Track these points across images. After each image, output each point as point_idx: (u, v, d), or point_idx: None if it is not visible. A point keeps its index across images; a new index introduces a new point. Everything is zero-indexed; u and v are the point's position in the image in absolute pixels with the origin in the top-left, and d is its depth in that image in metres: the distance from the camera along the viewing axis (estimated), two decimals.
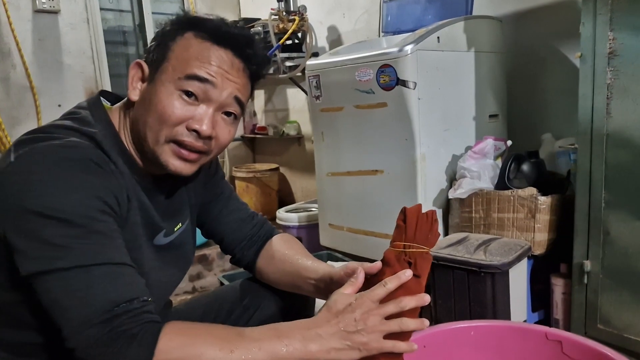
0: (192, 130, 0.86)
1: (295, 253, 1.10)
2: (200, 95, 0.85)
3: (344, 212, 2.21)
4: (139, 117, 0.88)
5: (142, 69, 0.89)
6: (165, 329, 0.73)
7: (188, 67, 0.84)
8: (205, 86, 0.85)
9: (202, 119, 0.86)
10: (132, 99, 0.89)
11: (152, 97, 0.85)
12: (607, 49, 1.45)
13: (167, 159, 0.87)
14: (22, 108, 3.07)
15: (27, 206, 0.72)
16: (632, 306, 1.48)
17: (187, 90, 0.84)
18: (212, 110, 0.87)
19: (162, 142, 0.86)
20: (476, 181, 1.83)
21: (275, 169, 3.64)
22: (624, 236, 1.48)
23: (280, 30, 3.01)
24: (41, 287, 0.73)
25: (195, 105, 0.86)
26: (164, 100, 0.84)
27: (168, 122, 0.84)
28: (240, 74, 0.89)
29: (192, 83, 0.84)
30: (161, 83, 0.85)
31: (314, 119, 2.30)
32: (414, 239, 0.91)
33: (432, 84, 1.89)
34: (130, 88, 0.89)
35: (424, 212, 0.92)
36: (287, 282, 1.10)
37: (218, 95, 0.86)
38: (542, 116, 2.18)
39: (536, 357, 1.15)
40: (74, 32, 3.24)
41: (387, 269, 0.91)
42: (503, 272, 1.58)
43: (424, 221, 0.91)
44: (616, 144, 1.46)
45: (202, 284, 2.73)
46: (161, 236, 0.96)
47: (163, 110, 0.84)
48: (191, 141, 0.86)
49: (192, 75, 0.84)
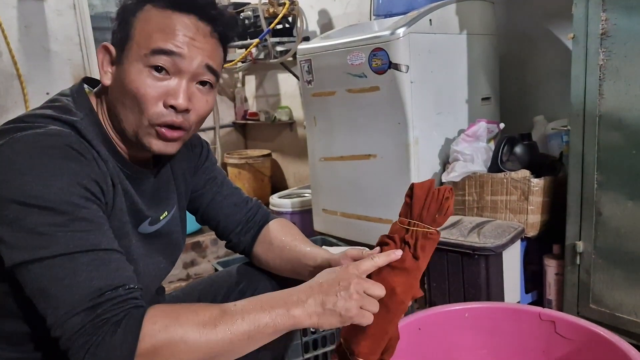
0: (169, 106, 0.83)
1: (294, 239, 1.10)
2: (170, 69, 0.83)
3: (338, 197, 2.20)
4: (114, 101, 0.86)
5: (110, 51, 0.86)
6: (148, 313, 0.73)
7: (152, 42, 0.81)
8: (173, 58, 0.82)
9: (176, 93, 0.83)
10: (105, 84, 0.87)
11: (123, 78, 0.83)
12: (599, 30, 1.44)
13: (150, 141, 0.86)
14: (9, 96, 3.03)
15: (9, 196, 0.72)
16: (623, 285, 1.50)
17: (155, 65, 0.82)
18: (185, 82, 0.84)
19: (145, 125, 0.84)
20: (469, 164, 1.83)
21: (267, 155, 3.62)
22: (616, 217, 1.49)
23: (271, 14, 2.97)
24: (26, 276, 0.72)
25: (167, 79, 0.83)
26: (135, 79, 0.82)
27: (143, 101, 0.82)
28: (207, 38, 0.85)
29: (159, 57, 0.81)
30: (129, 63, 0.83)
31: (305, 104, 2.29)
32: (420, 218, 0.88)
33: (425, 67, 1.88)
34: (102, 72, 0.87)
35: (436, 188, 0.89)
36: (287, 269, 1.09)
37: (188, 66, 0.83)
38: (535, 98, 2.18)
39: (530, 337, 1.17)
40: (61, 19, 3.18)
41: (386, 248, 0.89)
42: (496, 254, 1.59)
43: (433, 199, 0.88)
44: (608, 125, 1.46)
45: (196, 270, 2.73)
46: (146, 224, 0.95)
47: (136, 90, 0.82)
48: (172, 119, 0.84)
49: (157, 49, 0.81)
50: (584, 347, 1.08)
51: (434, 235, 0.88)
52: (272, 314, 0.77)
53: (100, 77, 0.87)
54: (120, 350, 0.69)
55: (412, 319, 1.17)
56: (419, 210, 0.88)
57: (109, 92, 0.87)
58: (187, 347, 0.72)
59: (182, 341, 0.72)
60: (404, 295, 0.88)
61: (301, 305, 0.79)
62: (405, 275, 0.87)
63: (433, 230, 0.88)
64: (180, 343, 0.72)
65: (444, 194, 0.88)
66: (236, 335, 0.75)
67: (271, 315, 0.77)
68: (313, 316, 0.79)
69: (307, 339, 1.41)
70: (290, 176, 3.71)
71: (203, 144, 1.13)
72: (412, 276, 0.88)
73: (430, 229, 0.88)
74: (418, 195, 0.89)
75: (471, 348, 1.22)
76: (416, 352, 1.14)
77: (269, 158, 3.64)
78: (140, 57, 0.82)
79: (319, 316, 0.80)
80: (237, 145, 4.06)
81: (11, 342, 0.85)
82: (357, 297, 0.80)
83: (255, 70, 3.75)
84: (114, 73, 0.86)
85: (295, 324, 0.79)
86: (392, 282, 0.87)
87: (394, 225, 0.92)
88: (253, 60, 3.19)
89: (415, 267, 0.88)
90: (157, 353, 0.71)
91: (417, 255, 0.88)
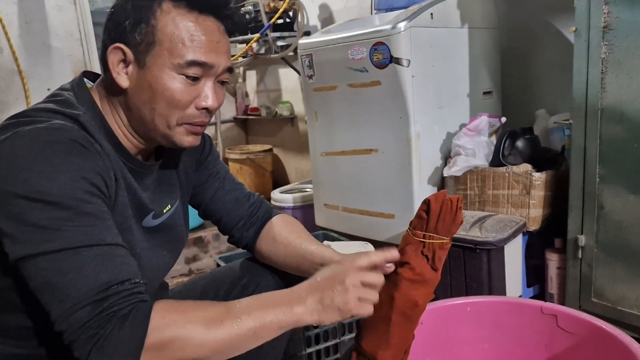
0: (202, 108, 0.88)
1: (298, 236, 1.10)
2: (200, 75, 0.86)
3: (339, 191, 2.20)
4: (140, 104, 0.86)
5: (124, 52, 0.85)
6: (156, 307, 0.73)
7: (185, 52, 0.83)
8: (205, 68, 0.86)
9: (208, 96, 0.88)
10: (123, 86, 0.86)
11: (152, 84, 0.84)
12: (601, 23, 1.43)
13: (182, 139, 0.89)
14: (10, 93, 3.03)
15: (13, 191, 0.72)
16: (625, 279, 1.50)
17: (190, 75, 0.85)
18: (212, 84, 0.88)
19: (174, 125, 0.87)
20: (471, 158, 1.83)
21: (268, 150, 3.62)
22: (618, 210, 1.48)
23: (271, 9, 2.96)
24: (31, 270, 0.72)
25: (198, 83, 0.87)
26: (170, 86, 0.84)
27: (178, 106, 0.86)
28: (225, 38, 0.89)
29: (195, 68, 0.85)
30: (159, 69, 0.84)
31: (306, 99, 2.28)
32: (436, 230, 0.91)
33: (426, 62, 1.87)
34: (114, 74, 0.85)
35: (449, 198, 0.91)
36: (291, 266, 1.10)
37: (215, 71, 0.88)
38: (536, 92, 2.17)
39: (532, 331, 1.17)
40: (61, 14, 3.18)
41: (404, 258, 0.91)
42: (498, 248, 1.59)
43: (448, 210, 0.90)
44: (610, 119, 1.46)
45: (198, 266, 2.74)
46: (150, 218, 0.95)
47: (172, 97, 0.84)
48: (202, 119, 0.89)
49: (192, 62, 0.84)
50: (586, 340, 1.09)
51: (448, 245, 0.92)
52: (276, 311, 0.79)
53: (114, 77, 0.86)
54: (127, 344, 0.70)
55: None
56: (434, 224, 0.91)
57: (129, 94, 0.87)
58: (194, 343, 0.73)
59: (189, 337, 0.73)
60: (425, 306, 0.92)
61: (302, 303, 0.81)
62: (426, 287, 0.91)
63: (447, 240, 0.92)
64: (187, 338, 0.73)
65: (457, 204, 0.91)
66: (242, 331, 0.76)
67: (275, 313, 0.79)
68: (314, 313, 0.81)
69: (310, 333, 1.41)
70: (292, 171, 3.71)
71: (205, 138, 1.13)
72: (431, 286, 0.92)
73: (445, 239, 0.91)
74: (434, 209, 0.91)
75: (473, 342, 1.22)
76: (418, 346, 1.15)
77: (270, 153, 3.64)
78: (173, 66, 0.84)
79: (319, 313, 0.81)
80: (239, 141, 4.06)
81: (15, 337, 0.85)
82: (353, 289, 0.82)
83: (256, 65, 3.74)
84: (135, 76, 0.85)
85: (298, 322, 0.81)
86: (414, 296, 0.90)
87: (407, 237, 0.94)
88: (254, 55, 3.18)
89: (434, 278, 0.91)
90: (165, 347, 0.72)
91: (435, 267, 0.91)
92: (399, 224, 1.94)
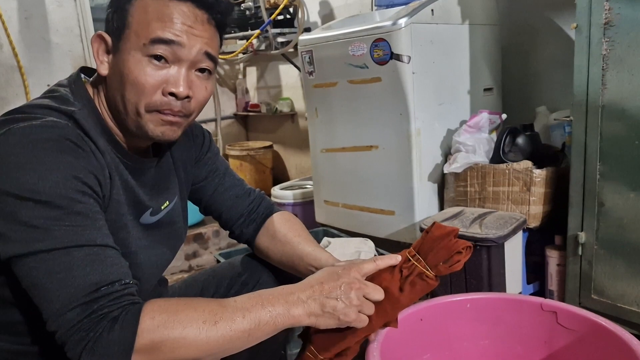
0: (169, 94, 0.83)
1: (297, 235, 1.10)
2: (169, 57, 0.82)
3: (339, 188, 2.20)
4: (113, 90, 0.85)
5: (105, 40, 0.85)
6: (145, 308, 0.72)
7: (151, 31, 0.81)
8: (172, 47, 0.82)
9: (176, 81, 0.83)
10: (102, 74, 0.86)
11: (121, 68, 0.83)
12: (602, 19, 1.43)
13: (153, 128, 0.85)
14: (10, 88, 3.02)
15: (5, 189, 0.71)
16: (625, 276, 1.50)
17: (155, 54, 0.81)
18: (185, 70, 0.84)
19: (143, 112, 0.84)
20: (471, 155, 1.83)
21: (269, 147, 3.62)
22: (619, 207, 1.48)
23: (272, 5, 2.95)
24: (21, 270, 0.72)
25: (167, 67, 0.83)
26: (135, 69, 0.81)
27: (144, 91, 0.82)
28: (205, 26, 0.85)
29: (159, 47, 0.81)
30: (127, 52, 0.82)
31: (307, 95, 2.28)
32: (425, 257, 0.87)
33: (427, 58, 1.87)
34: (98, 62, 0.86)
35: (455, 240, 0.86)
36: (287, 265, 1.09)
37: (187, 54, 0.83)
38: (537, 89, 2.17)
39: (532, 328, 1.17)
40: (61, 10, 3.17)
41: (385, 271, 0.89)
42: (498, 245, 1.59)
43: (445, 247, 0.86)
44: (611, 116, 1.46)
45: (198, 262, 2.74)
46: (148, 215, 0.94)
47: (136, 80, 0.81)
48: (170, 106, 0.84)
49: (156, 38, 0.81)
50: (586, 337, 1.08)
51: (429, 279, 0.87)
52: (272, 312, 0.78)
53: (97, 66, 0.86)
54: (118, 346, 0.69)
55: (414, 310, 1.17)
56: (427, 250, 0.87)
57: (107, 81, 0.87)
58: (187, 344, 0.72)
59: (181, 337, 0.72)
60: (380, 324, 0.88)
61: (301, 305, 0.80)
62: (386, 304, 0.86)
63: (430, 275, 0.87)
64: (179, 339, 0.72)
65: (458, 248, 0.86)
66: (236, 332, 0.75)
67: (271, 314, 0.78)
68: (312, 316, 0.81)
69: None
70: (292, 168, 3.71)
71: (205, 134, 1.13)
72: (389, 303, 0.87)
73: (428, 271, 0.87)
74: (433, 235, 0.87)
75: (473, 338, 1.22)
76: (418, 343, 1.15)
77: (271, 150, 3.64)
78: (139, 47, 0.81)
79: (317, 317, 0.81)
80: (239, 137, 4.05)
81: (10, 333, 0.84)
82: (357, 303, 0.82)
83: (257, 61, 3.73)
84: (111, 62, 0.85)
85: (294, 323, 0.80)
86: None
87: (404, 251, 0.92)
88: (254, 51, 3.18)
89: (395, 297, 0.87)
90: (156, 349, 0.71)
91: (402, 288, 0.87)
92: (399, 221, 1.94)
